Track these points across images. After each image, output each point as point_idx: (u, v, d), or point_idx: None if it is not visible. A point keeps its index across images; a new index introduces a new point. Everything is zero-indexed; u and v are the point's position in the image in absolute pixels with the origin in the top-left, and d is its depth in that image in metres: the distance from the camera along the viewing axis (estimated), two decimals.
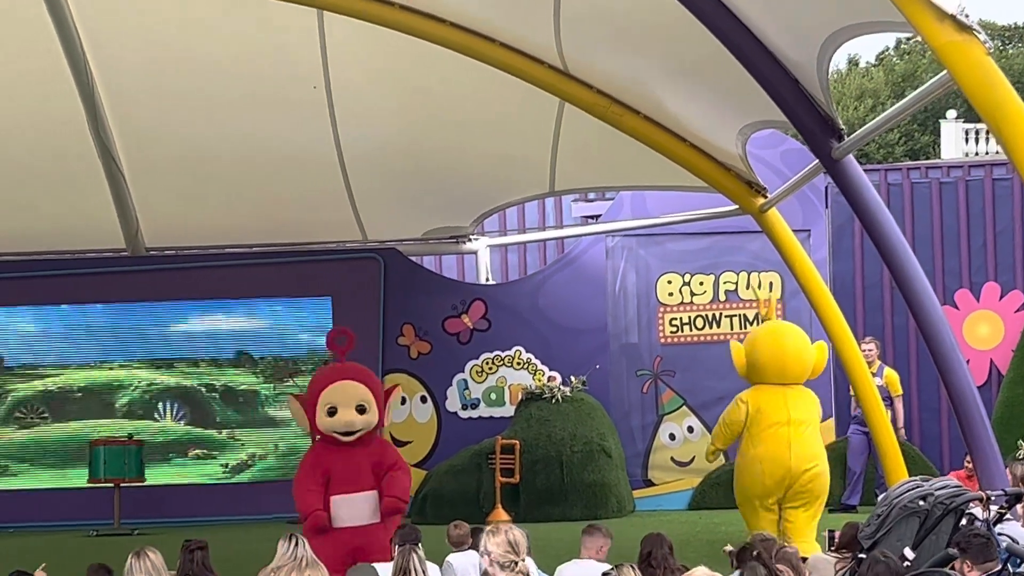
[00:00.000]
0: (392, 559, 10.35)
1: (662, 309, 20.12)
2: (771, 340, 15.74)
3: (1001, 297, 20.37)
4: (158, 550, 9.94)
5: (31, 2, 15.04)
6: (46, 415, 20.39)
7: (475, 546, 10.85)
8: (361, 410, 13.36)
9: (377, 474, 13.39)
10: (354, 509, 13.18)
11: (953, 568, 8.59)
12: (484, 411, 20.21)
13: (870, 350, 17.78)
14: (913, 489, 9.66)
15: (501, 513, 18.05)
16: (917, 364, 20.10)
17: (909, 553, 9.21)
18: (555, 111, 16.54)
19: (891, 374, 18.53)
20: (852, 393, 16.66)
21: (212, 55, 16.29)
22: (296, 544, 9.76)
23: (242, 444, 20.56)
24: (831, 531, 11.83)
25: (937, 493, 9.54)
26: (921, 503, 9.45)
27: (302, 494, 13.34)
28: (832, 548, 11.22)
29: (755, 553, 10.33)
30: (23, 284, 20.26)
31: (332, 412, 13.33)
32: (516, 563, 8.65)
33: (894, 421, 17.52)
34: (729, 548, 11.39)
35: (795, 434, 15.49)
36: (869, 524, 9.64)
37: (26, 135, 17.54)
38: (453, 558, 11.47)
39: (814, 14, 11.09)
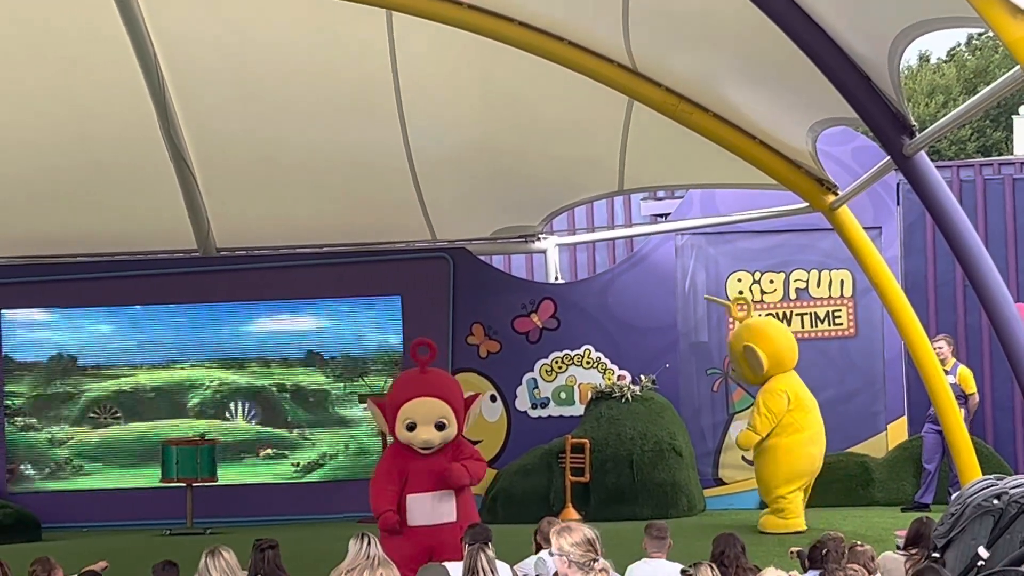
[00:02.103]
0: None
1: None
2: (776, 331, 17.24)
3: None
4: (232, 549, 10.00)
5: (102, 5, 15.17)
6: (119, 415, 20.58)
7: None
8: (440, 427, 13.33)
9: None
10: (429, 508, 13.18)
11: None
12: (554, 410, 20.21)
13: (940, 348, 17.60)
14: (987, 488, 9.55)
15: (571, 512, 18.03)
16: (991, 362, 19.90)
17: (983, 552, 9.12)
18: (624, 109, 16.51)
19: (964, 372, 18.35)
20: None
21: (280, 58, 16.37)
22: (368, 543, 9.79)
23: (313, 443, 20.67)
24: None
25: (1012, 491, 9.43)
26: (995, 502, 9.34)
27: (377, 494, 13.32)
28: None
29: (825, 552, 10.29)
30: (96, 285, 20.45)
31: (411, 427, 13.25)
32: (595, 561, 8.58)
33: (965, 419, 17.37)
34: (795, 550, 11.34)
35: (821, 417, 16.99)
36: (943, 523, 9.54)
37: (98, 138, 17.69)
38: (547, 554, 11.43)
39: (885, 10, 10.99)
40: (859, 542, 10.61)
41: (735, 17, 12.42)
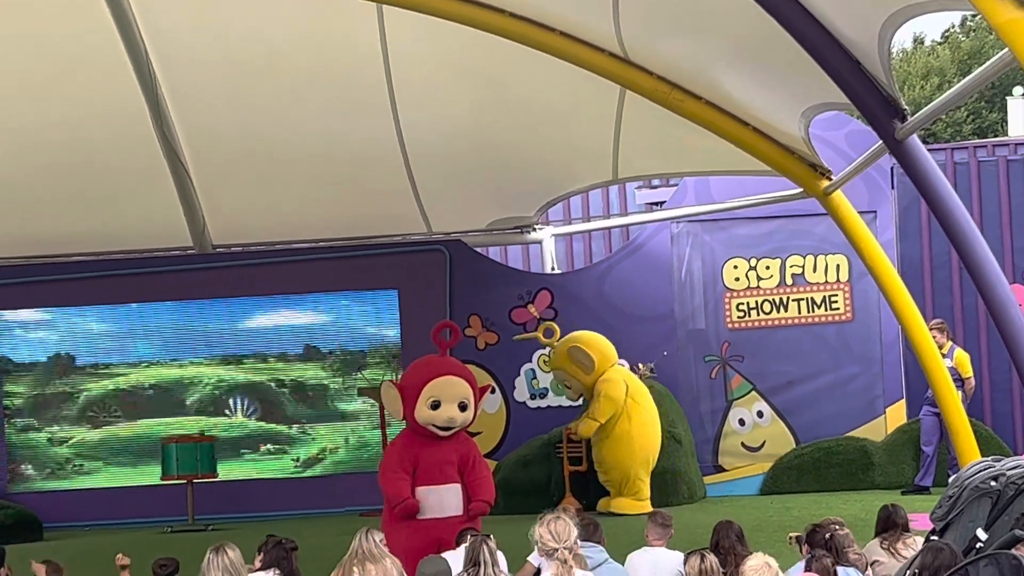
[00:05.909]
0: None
1: (729, 294, 20.06)
2: (591, 334, 18.51)
3: None
4: (236, 546, 10.00)
5: (93, 5, 15.16)
6: (118, 414, 20.59)
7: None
8: (463, 407, 13.29)
9: (461, 468, 13.38)
10: (440, 501, 13.17)
11: (1020, 549, 8.52)
12: (552, 400, 20.21)
13: (933, 337, 17.62)
14: (985, 470, 9.55)
15: (571, 501, 18.05)
16: (988, 344, 19.93)
17: (982, 534, 9.14)
18: (616, 98, 16.51)
19: (961, 356, 18.38)
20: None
21: (272, 54, 16.37)
22: (364, 537, 9.91)
23: (313, 438, 20.68)
24: None
25: (1009, 473, 9.43)
26: (993, 483, 9.34)
27: (392, 481, 13.16)
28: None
29: (828, 536, 10.30)
30: (93, 284, 20.43)
31: (436, 406, 13.18)
32: (556, 551, 8.73)
33: (962, 402, 17.36)
34: (794, 535, 11.35)
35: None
36: (940, 506, 9.55)
37: (92, 137, 17.69)
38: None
39: None
40: (836, 526, 10.62)
41: (725, 4, 12.44)
